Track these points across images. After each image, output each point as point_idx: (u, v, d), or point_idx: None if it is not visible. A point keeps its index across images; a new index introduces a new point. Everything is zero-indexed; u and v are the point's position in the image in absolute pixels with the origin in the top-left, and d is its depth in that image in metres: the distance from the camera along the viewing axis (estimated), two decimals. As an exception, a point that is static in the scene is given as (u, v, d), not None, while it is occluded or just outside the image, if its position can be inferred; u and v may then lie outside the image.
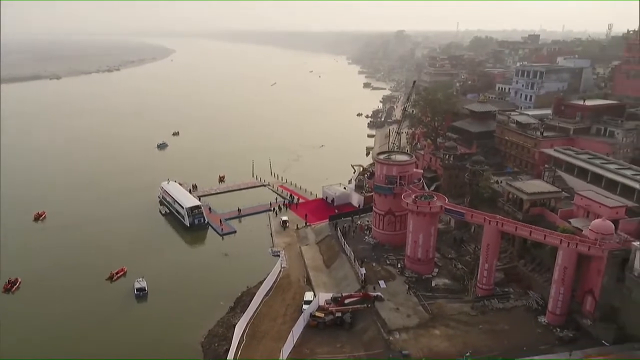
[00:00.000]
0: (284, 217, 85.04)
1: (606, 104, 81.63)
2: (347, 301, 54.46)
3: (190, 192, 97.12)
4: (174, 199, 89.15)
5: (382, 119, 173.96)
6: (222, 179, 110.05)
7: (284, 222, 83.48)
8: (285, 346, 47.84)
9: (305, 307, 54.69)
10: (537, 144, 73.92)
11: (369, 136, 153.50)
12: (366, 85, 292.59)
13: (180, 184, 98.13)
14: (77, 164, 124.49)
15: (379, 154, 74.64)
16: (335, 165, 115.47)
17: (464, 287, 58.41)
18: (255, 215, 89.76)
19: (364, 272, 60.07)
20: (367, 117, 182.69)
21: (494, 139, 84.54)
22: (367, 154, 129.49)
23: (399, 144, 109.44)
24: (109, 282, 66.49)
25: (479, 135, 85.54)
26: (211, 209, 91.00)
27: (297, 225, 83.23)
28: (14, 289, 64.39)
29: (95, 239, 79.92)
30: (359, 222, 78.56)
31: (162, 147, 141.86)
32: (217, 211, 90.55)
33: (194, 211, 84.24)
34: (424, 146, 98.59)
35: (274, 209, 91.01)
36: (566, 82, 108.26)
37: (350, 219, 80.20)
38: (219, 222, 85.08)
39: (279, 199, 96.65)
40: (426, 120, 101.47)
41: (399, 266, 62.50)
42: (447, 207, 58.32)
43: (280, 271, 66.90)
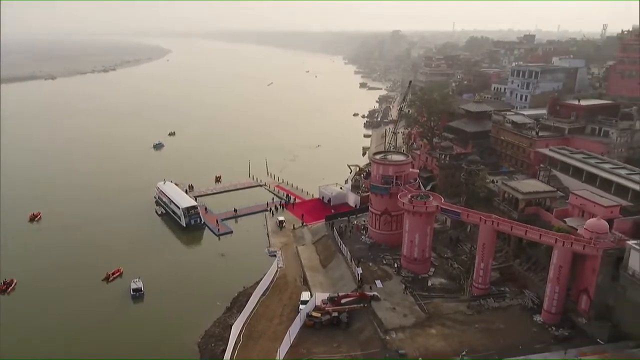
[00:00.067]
0: (281, 217, 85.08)
1: (601, 104, 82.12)
2: (343, 301, 54.64)
3: (186, 192, 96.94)
4: (170, 199, 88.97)
5: (379, 119, 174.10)
6: (218, 179, 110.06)
7: (281, 222, 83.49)
8: (281, 346, 47.94)
9: (301, 307, 54.79)
10: (533, 143, 74.27)
11: (365, 136, 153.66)
12: (362, 85, 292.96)
13: (176, 184, 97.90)
14: (71, 164, 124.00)
15: (375, 154, 74.89)
16: (331, 165, 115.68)
17: (460, 287, 58.59)
18: (251, 215, 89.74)
19: (360, 271, 60.16)
20: (363, 117, 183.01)
21: (490, 138, 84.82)
22: (364, 154, 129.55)
23: (395, 144, 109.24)
24: (105, 282, 66.32)
25: (474, 135, 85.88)
26: (207, 209, 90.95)
27: (293, 225, 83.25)
28: (9, 290, 64.14)
29: (90, 239, 79.71)
30: (355, 222, 78.74)
31: (158, 147, 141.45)
32: (213, 211, 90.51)
33: (190, 211, 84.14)
34: (420, 146, 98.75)
35: (271, 209, 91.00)
36: (561, 82, 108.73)
37: (346, 218, 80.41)
38: (215, 223, 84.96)
39: (275, 199, 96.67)
40: (422, 120, 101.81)
41: (396, 266, 62.64)
42: (443, 206, 58.57)
43: (276, 271, 66.91)
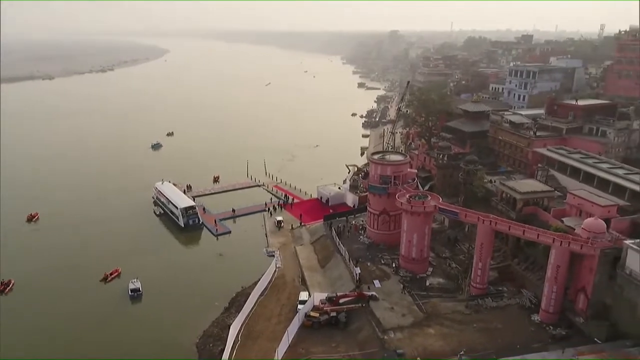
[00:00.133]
0: (279, 217, 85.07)
1: (598, 104, 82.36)
2: (341, 301, 54.63)
3: (184, 192, 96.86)
4: (168, 199, 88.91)
5: (377, 119, 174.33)
6: (216, 179, 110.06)
7: (279, 222, 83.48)
8: (280, 346, 47.89)
9: (300, 307, 54.80)
10: (530, 143, 74.44)
11: (364, 136, 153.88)
12: (360, 85, 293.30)
13: (174, 185, 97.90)
14: (69, 164, 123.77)
15: (374, 153, 74.91)
16: (329, 165, 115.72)
17: (458, 286, 58.71)
18: (249, 215, 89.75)
19: (358, 271, 60.17)
20: (361, 117, 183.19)
21: (488, 138, 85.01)
22: (362, 154, 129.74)
23: (393, 143, 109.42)
24: (103, 283, 66.25)
25: (472, 135, 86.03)
26: (205, 210, 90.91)
27: (291, 225, 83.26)
28: (7, 291, 64.02)
29: (89, 239, 79.62)
30: (353, 222, 78.71)
31: (156, 147, 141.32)
32: (211, 211, 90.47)
33: (188, 211, 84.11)
34: (418, 146, 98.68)
35: (269, 209, 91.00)
36: (559, 82, 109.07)
37: (344, 218, 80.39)
38: (213, 223, 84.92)
39: (273, 199, 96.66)
40: (420, 120, 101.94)
41: (394, 266, 62.67)
42: (441, 206, 58.61)
43: (275, 271, 66.89)
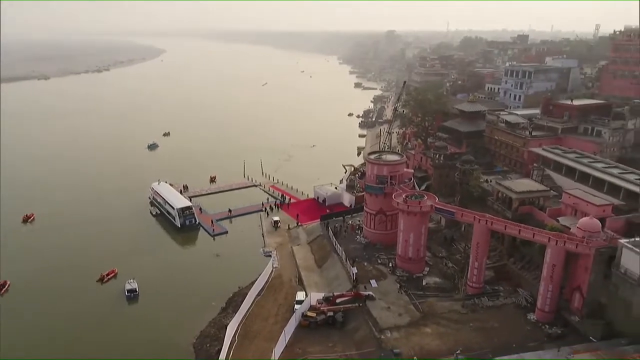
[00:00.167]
0: (276, 217, 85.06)
1: (593, 104, 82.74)
2: (338, 300, 54.72)
3: (181, 192, 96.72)
4: (164, 199, 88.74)
5: (373, 119, 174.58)
6: (213, 179, 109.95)
7: (276, 222, 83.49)
8: (277, 346, 47.97)
9: (297, 306, 54.85)
10: (526, 143, 74.73)
11: (360, 136, 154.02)
12: (357, 85, 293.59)
13: (171, 185, 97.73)
14: (65, 165, 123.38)
15: (370, 153, 75.06)
16: (326, 165, 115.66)
17: (455, 286, 58.91)
18: (246, 215, 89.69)
19: (355, 271, 60.28)
20: (358, 117, 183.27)
21: (484, 138, 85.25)
22: (358, 154, 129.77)
23: (390, 143, 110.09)
24: (99, 283, 66.09)
25: (468, 134, 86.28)
26: (202, 210, 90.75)
27: (288, 225, 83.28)
28: (3, 292, 63.79)
29: (85, 240, 79.42)
30: (350, 222, 78.82)
31: (152, 147, 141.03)
32: (208, 212, 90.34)
33: (185, 212, 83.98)
34: (415, 146, 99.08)
35: (266, 209, 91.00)
36: (554, 82, 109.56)
37: (341, 218, 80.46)
38: (210, 223, 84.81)
39: (270, 199, 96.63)
40: (417, 120, 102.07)
41: (390, 265, 62.81)
42: (437, 206, 58.80)
43: (271, 271, 66.95)
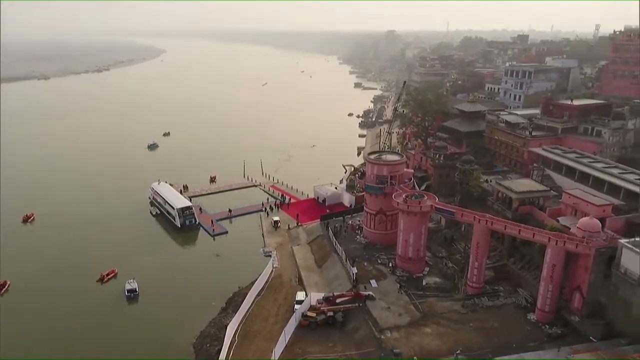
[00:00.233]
0: (276, 217, 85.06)
1: (593, 104, 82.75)
2: (338, 300, 54.72)
3: (181, 192, 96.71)
4: (164, 199, 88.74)
5: (373, 119, 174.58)
6: (213, 179, 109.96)
7: (276, 222, 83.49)
8: (277, 346, 47.97)
9: (297, 306, 54.85)
10: (526, 143, 74.73)
11: (360, 136, 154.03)
12: (357, 85, 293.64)
13: (171, 185, 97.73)
14: (65, 165, 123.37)
15: (370, 153, 75.05)
16: (326, 165, 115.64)
17: (455, 286, 58.91)
18: (246, 215, 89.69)
19: (355, 271, 60.28)
20: (358, 117, 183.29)
21: (484, 138, 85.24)
22: (358, 154, 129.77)
23: (390, 143, 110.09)
24: (99, 283, 66.07)
25: (468, 134, 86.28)
26: (202, 210, 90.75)
27: (288, 225, 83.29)
28: (3, 292, 63.77)
29: (84, 240, 79.41)
30: (350, 222, 78.82)
31: (152, 147, 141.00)
32: (208, 212, 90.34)
33: (185, 212, 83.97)
34: (415, 146, 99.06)
35: (266, 209, 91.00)
36: (554, 82, 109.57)
37: (341, 218, 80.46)
38: (210, 223, 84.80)
39: (270, 199, 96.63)
40: (417, 120, 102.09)
41: (390, 265, 62.81)
42: (437, 206, 58.81)
43: (271, 271, 66.95)
